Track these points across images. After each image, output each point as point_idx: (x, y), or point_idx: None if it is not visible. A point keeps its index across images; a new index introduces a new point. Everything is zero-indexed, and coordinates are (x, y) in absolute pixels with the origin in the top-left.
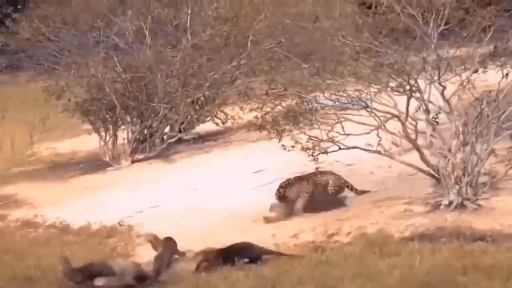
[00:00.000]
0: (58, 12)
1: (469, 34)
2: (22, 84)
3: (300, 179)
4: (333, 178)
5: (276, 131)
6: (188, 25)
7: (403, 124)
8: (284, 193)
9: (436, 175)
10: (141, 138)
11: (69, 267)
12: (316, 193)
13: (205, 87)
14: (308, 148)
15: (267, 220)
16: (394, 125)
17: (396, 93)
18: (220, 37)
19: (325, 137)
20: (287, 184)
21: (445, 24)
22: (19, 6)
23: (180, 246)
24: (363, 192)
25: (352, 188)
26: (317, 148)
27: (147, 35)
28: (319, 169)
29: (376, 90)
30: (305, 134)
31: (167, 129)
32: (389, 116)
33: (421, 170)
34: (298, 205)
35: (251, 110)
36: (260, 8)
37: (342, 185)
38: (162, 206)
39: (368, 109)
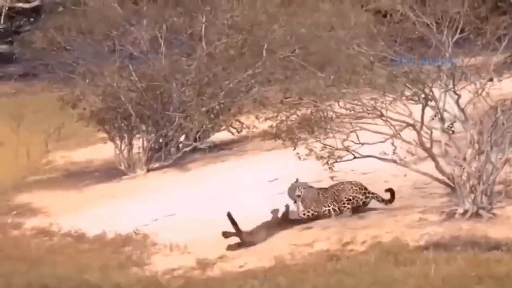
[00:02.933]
0: (73, 22)
1: (483, 42)
2: (38, 93)
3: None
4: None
5: (291, 140)
6: (203, 34)
7: (418, 133)
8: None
9: (451, 184)
10: (156, 147)
11: None
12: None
13: (220, 96)
14: (322, 157)
15: None
16: (409, 134)
17: (411, 101)
18: (235, 46)
19: (340, 146)
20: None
21: (459, 33)
22: (33, 17)
23: (195, 254)
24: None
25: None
26: (331, 156)
27: (162, 44)
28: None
29: (391, 99)
30: (320, 142)
31: (182, 138)
32: (404, 125)
33: (436, 179)
34: None
35: (266, 119)
36: (275, 18)
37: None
38: (177, 214)
39: (383, 118)
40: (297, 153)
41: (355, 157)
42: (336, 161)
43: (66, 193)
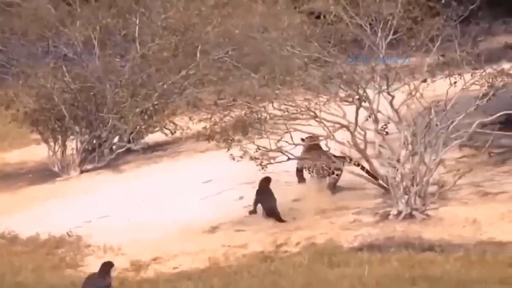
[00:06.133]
0: (7, 22)
1: (417, 43)
2: None
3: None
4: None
5: (225, 141)
6: (137, 35)
7: (352, 134)
8: None
9: (385, 185)
10: (90, 148)
11: None
12: None
13: (154, 97)
14: (256, 158)
15: None
16: (343, 135)
17: (345, 103)
18: (169, 48)
19: (274, 147)
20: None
21: (393, 34)
22: None
23: (129, 256)
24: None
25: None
26: (265, 157)
27: (96, 45)
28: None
29: (325, 100)
30: (254, 144)
31: (116, 139)
32: (338, 126)
33: (370, 180)
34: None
35: (200, 120)
36: (209, 19)
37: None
38: (111, 216)
39: (317, 119)
40: (231, 155)
41: (289, 158)
42: (270, 163)
43: None
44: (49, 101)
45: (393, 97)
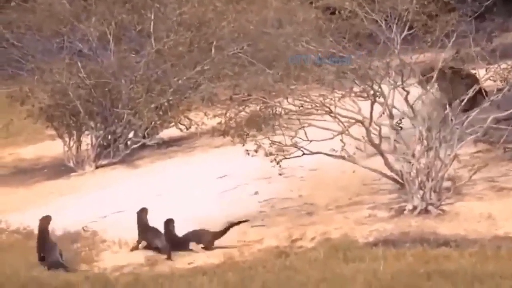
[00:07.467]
0: (22, 18)
1: (432, 39)
2: None
3: None
4: None
5: (240, 136)
6: (152, 31)
7: (367, 129)
8: None
9: (400, 180)
10: (105, 144)
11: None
12: None
13: (169, 92)
14: (271, 153)
15: None
16: (358, 130)
17: (360, 98)
18: (184, 43)
19: (288, 142)
20: None
21: (408, 29)
22: None
23: (144, 251)
24: None
25: None
26: (280, 153)
27: (111, 41)
28: None
29: (340, 95)
30: (268, 139)
31: (131, 135)
32: (353, 121)
33: (385, 175)
34: None
35: (215, 115)
36: (224, 15)
37: None
38: (126, 211)
39: (332, 115)
40: (246, 150)
41: (303, 154)
42: (285, 158)
43: (14, 190)
44: (64, 96)
45: (408, 92)
